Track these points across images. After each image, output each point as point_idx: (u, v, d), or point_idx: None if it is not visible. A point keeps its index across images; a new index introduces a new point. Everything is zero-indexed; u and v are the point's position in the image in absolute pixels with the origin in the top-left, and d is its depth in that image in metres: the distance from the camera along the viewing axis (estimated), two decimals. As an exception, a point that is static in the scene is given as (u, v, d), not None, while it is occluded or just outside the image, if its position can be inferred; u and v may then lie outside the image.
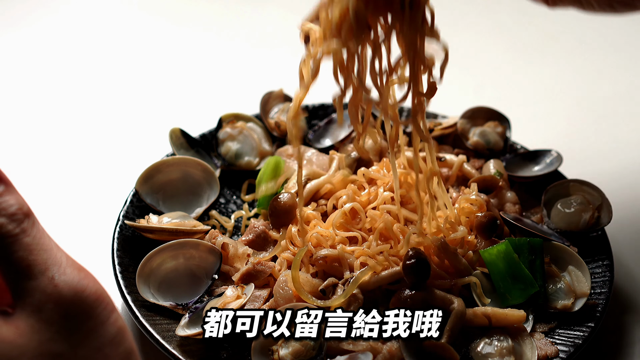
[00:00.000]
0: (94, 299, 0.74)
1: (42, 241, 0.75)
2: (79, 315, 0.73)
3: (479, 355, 1.10)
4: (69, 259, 0.76)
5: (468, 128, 1.46)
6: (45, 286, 0.73)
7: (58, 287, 0.73)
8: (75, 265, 0.76)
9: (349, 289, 1.13)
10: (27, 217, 0.74)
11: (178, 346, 1.10)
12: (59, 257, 0.75)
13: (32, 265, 0.73)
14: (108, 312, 0.75)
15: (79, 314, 0.73)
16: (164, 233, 1.23)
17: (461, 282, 1.17)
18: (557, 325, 1.18)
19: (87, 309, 0.74)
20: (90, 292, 0.74)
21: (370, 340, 1.09)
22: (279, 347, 1.07)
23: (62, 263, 0.75)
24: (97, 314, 0.74)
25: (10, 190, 0.75)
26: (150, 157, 1.40)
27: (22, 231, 0.73)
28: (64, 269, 0.74)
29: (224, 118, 1.44)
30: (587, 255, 1.26)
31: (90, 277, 0.76)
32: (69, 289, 0.73)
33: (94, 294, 0.75)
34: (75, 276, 0.74)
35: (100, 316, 0.75)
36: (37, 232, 0.75)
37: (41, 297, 0.72)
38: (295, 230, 1.22)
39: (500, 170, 1.37)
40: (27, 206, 0.75)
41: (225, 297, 1.14)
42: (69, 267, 0.75)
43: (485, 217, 1.23)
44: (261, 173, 1.35)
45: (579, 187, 1.33)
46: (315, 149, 1.42)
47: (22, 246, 0.73)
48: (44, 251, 0.74)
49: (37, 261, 0.73)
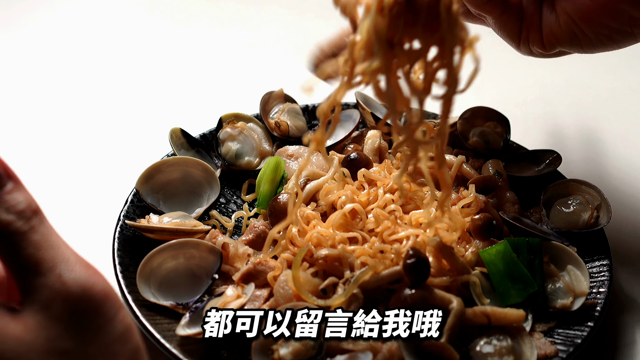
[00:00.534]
0: (101, 296, 0.75)
1: (51, 238, 0.75)
2: (87, 313, 0.74)
3: (479, 354, 1.10)
4: (77, 256, 0.76)
5: (467, 128, 1.46)
6: (53, 283, 0.73)
7: (66, 284, 0.73)
8: (83, 263, 0.76)
9: (350, 289, 1.13)
10: (35, 215, 0.75)
11: (178, 346, 1.10)
12: (67, 255, 0.75)
13: (40, 263, 0.73)
14: (116, 309, 0.76)
15: (87, 311, 0.74)
16: (165, 233, 1.23)
17: (460, 280, 1.17)
18: (557, 325, 1.18)
19: (95, 306, 0.74)
20: (98, 290, 0.75)
21: (370, 340, 1.10)
22: (279, 347, 1.08)
23: (70, 260, 0.75)
24: (105, 311, 0.75)
25: (19, 187, 0.76)
26: (150, 157, 1.41)
27: (30, 228, 0.74)
28: (72, 267, 0.75)
29: (224, 118, 1.45)
30: (586, 255, 1.26)
31: (98, 274, 0.76)
32: (77, 286, 0.74)
33: (102, 291, 0.75)
34: (83, 273, 0.75)
35: (108, 313, 0.75)
36: (46, 229, 0.75)
37: (49, 294, 0.73)
38: (296, 230, 1.22)
39: (499, 170, 1.37)
40: (36, 203, 0.76)
41: (226, 297, 1.15)
42: (77, 265, 0.75)
43: (481, 219, 1.23)
44: (261, 173, 1.35)
45: (578, 187, 1.33)
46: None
47: (30, 243, 0.73)
48: (52, 248, 0.75)
49: (45, 258, 0.74)
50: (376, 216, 1.22)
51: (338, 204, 1.25)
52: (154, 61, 1.86)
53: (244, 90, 1.74)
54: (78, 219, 1.41)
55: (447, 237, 1.20)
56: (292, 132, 1.45)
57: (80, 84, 1.77)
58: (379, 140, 1.41)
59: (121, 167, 1.51)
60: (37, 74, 1.79)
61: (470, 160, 1.42)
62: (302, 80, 1.03)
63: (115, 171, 1.51)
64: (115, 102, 1.72)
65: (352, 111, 1.48)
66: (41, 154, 1.56)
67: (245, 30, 1.98)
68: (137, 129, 1.64)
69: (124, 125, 1.65)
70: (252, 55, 1.89)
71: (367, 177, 1.29)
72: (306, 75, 1.06)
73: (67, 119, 1.66)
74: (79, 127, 1.64)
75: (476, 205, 1.27)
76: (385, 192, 1.26)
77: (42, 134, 1.62)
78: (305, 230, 1.22)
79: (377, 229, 1.21)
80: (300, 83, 1.03)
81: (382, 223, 1.21)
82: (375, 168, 1.32)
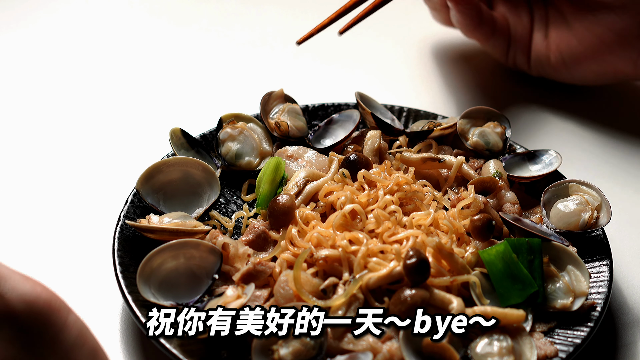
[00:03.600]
0: (47, 306, 0.73)
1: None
2: (36, 327, 0.72)
3: (479, 355, 1.10)
4: (14, 271, 0.75)
5: (468, 128, 1.46)
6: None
7: (10, 303, 0.72)
8: (21, 277, 0.74)
9: (350, 289, 1.13)
10: None
11: (178, 346, 1.10)
12: (3, 273, 0.73)
13: None
14: (64, 316, 0.74)
15: (36, 325, 0.72)
16: (165, 233, 1.23)
17: (460, 280, 1.17)
18: (557, 325, 1.18)
19: (43, 318, 0.73)
20: (43, 301, 0.73)
21: (371, 340, 1.10)
22: (279, 347, 1.08)
23: (7, 278, 0.73)
24: (54, 321, 0.74)
25: None
26: (150, 157, 1.41)
27: None
28: (12, 284, 0.73)
29: (224, 118, 1.44)
30: (586, 255, 1.26)
31: (39, 285, 0.75)
32: (21, 302, 0.72)
33: (47, 302, 0.74)
34: (24, 288, 0.73)
35: (57, 323, 0.74)
36: None
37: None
38: (295, 231, 1.22)
39: (499, 170, 1.37)
40: None
41: (226, 297, 1.15)
42: (15, 281, 0.73)
43: (480, 220, 1.23)
44: (261, 174, 1.35)
45: (578, 187, 1.33)
46: (315, 150, 1.42)
47: None
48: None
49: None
50: (377, 217, 1.22)
51: (337, 204, 1.26)
52: (154, 61, 1.86)
53: (244, 90, 1.74)
54: (78, 219, 1.41)
55: (445, 239, 1.21)
56: (292, 132, 1.45)
57: (80, 84, 1.77)
58: (378, 140, 1.41)
59: (121, 167, 1.52)
60: (38, 74, 1.79)
61: (470, 160, 1.42)
62: (303, 81, 1.04)
63: (115, 171, 1.51)
64: (116, 102, 1.72)
65: (352, 111, 1.48)
66: (41, 154, 1.56)
67: (245, 30, 1.98)
68: (137, 129, 1.64)
69: (124, 125, 1.65)
70: (252, 55, 1.89)
71: (367, 178, 1.29)
72: (305, 77, 1.07)
73: (68, 119, 1.66)
74: (79, 127, 1.64)
75: (476, 207, 1.27)
76: (386, 194, 1.26)
77: (42, 134, 1.62)
78: (305, 230, 1.22)
79: (377, 229, 1.21)
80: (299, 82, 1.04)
81: (382, 224, 1.21)
82: (375, 169, 1.32)
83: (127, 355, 1.18)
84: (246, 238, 1.26)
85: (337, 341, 1.10)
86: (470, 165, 1.40)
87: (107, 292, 1.25)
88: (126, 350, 1.19)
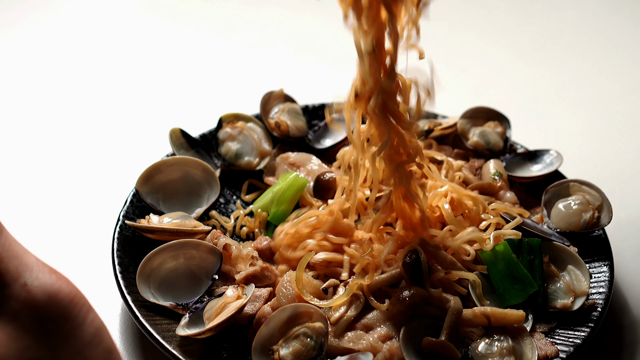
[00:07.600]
0: (68, 301, 0.74)
1: (12, 248, 0.74)
2: (55, 319, 0.73)
3: (479, 355, 1.10)
4: (41, 262, 0.75)
5: (468, 128, 1.46)
6: (18, 293, 0.72)
7: (32, 292, 0.72)
8: (47, 269, 0.75)
9: (350, 289, 1.13)
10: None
11: (178, 346, 1.10)
12: (30, 263, 0.74)
13: (3, 274, 0.72)
14: (84, 313, 0.75)
15: (55, 317, 0.73)
16: (165, 233, 1.23)
17: (456, 275, 1.17)
18: (557, 325, 1.18)
19: (63, 312, 0.73)
20: (65, 295, 0.74)
21: (371, 340, 1.09)
22: (279, 347, 1.07)
23: (33, 268, 0.74)
24: (74, 316, 0.74)
25: None
26: (150, 157, 1.41)
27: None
28: (36, 274, 0.73)
29: (224, 118, 1.44)
30: (587, 256, 1.26)
31: (64, 279, 0.75)
32: (42, 294, 0.73)
33: (69, 296, 0.74)
34: (48, 280, 0.74)
35: (77, 318, 0.74)
36: (6, 240, 0.74)
37: (16, 305, 0.72)
38: None
39: (500, 170, 1.37)
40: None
41: (226, 297, 1.15)
42: (41, 272, 0.74)
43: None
44: (281, 189, 1.33)
45: (579, 187, 1.33)
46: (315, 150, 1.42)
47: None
48: (14, 258, 0.73)
49: (8, 269, 0.72)
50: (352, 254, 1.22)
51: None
52: (154, 61, 1.86)
53: (244, 90, 1.74)
54: (78, 219, 1.41)
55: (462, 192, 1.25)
56: (292, 132, 1.45)
57: (80, 84, 1.77)
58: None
59: (121, 167, 1.51)
60: (38, 74, 1.79)
61: (470, 160, 1.42)
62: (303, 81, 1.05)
63: (115, 171, 1.51)
64: (116, 102, 1.72)
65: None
66: (42, 153, 1.56)
67: (245, 30, 1.98)
68: (137, 129, 1.64)
69: (124, 125, 1.65)
70: (252, 55, 1.89)
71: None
72: (306, 75, 1.07)
73: (67, 119, 1.66)
74: (79, 127, 1.64)
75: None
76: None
77: (42, 133, 1.62)
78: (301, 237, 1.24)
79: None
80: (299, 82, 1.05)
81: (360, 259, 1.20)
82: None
83: (127, 355, 1.18)
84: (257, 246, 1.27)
85: (337, 341, 1.10)
86: (471, 165, 1.40)
87: (106, 292, 1.25)
88: (126, 350, 1.18)
